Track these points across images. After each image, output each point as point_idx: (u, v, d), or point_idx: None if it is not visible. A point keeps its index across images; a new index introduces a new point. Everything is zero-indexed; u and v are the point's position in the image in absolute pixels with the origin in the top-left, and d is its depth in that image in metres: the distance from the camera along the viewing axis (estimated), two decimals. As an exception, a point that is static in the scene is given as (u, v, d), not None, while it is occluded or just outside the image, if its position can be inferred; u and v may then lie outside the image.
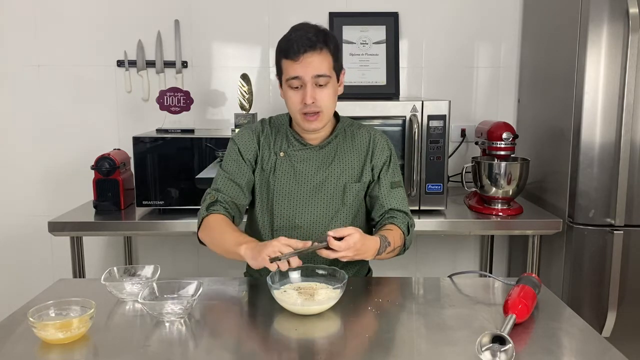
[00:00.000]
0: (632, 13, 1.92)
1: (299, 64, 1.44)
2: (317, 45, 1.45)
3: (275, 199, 1.57)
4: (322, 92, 1.47)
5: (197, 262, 2.69)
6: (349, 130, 1.63)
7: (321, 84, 1.47)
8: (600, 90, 2.01)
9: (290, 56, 1.45)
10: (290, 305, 1.26)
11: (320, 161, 1.58)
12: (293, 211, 1.57)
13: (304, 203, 1.57)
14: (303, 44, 1.44)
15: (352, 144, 1.60)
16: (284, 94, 1.52)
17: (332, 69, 1.49)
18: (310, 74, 1.45)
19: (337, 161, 1.58)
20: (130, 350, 1.12)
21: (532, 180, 2.35)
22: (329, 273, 1.37)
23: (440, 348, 1.14)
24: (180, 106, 2.31)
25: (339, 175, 1.57)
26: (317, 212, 1.56)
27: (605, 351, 1.12)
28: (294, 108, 1.50)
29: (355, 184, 1.58)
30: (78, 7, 2.54)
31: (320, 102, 1.47)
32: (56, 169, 2.63)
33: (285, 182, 1.57)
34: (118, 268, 1.43)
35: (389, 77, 2.52)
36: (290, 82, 1.47)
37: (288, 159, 1.58)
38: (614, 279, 2.06)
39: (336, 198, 1.57)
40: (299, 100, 1.47)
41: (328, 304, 1.27)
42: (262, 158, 1.59)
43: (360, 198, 1.60)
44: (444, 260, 2.76)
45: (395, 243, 1.49)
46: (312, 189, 1.56)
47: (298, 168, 1.57)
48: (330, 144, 1.59)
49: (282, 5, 2.56)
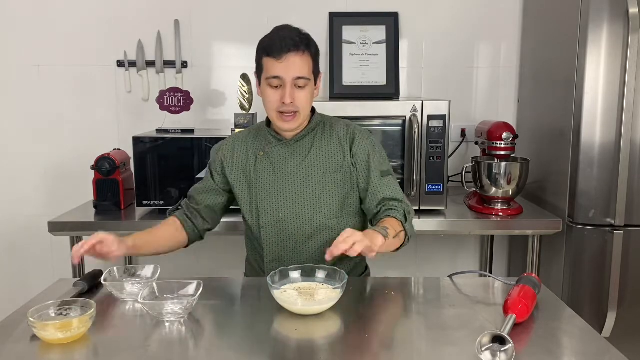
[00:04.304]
0: (632, 13, 1.92)
1: (281, 64, 1.47)
2: (300, 47, 1.48)
3: (258, 196, 1.59)
4: (301, 94, 1.50)
5: (197, 262, 2.68)
6: (327, 122, 1.64)
7: (300, 86, 1.50)
8: (600, 90, 2.01)
9: (273, 54, 1.48)
10: (291, 306, 1.26)
11: (298, 154, 1.59)
12: (277, 206, 1.58)
13: (286, 196, 1.58)
14: (287, 44, 1.47)
15: (329, 135, 1.61)
16: (262, 92, 1.55)
17: (311, 72, 1.52)
18: (291, 76, 1.48)
19: (315, 152, 1.59)
20: (130, 350, 1.12)
21: (532, 180, 2.34)
22: (329, 273, 1.38)
23: (440, 348, 1.14)
24: (180, 106, 2.31)
25: (318, 166, 1.58)
26: (300, 204, 1.57)
27: (605, 351, 1.12)
28: (271, 106, 1.53)
29: (335, 173, 1.58)
30: (78, 7, 2.54)
31: (298, 103, 1.50)
32: (56, 169, 2.63)
33: (267, 178, 1.59)
34: (118, 268, 1.43)
35: (389, 77, 2.52)
36: (270, 81, 1.50)
37: (267, 157, 1.60)
38: (614, 279, 2.06)
39: (318, 189, 1.57)
40: (278, 99, 1.50)
41: (328, 304, 1.27)
42: (239, 162, 1.63)
43: (344, 188, 1.59)
44: (444, 260, 2.76)
45: (395, 228, 1.46)
46: (292, 182, 1.58)
47: (277, 163, 1.59)
48: (307, 137, 1.60)
49: (282, 5, 2.56)
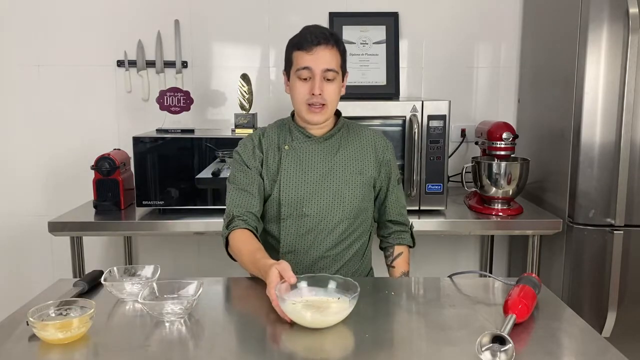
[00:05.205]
0: (632, 13, 1.92)
1: (312, 55, 1.51)
2: (330, 41, 1.53)
3: (282, 189, 1.59)
4: (329, 87, 1.54)
5: (197, 262, 2.69)
6: (351, 126, 1.68)
7: (329, 79, 1.53)
8: (600, 90, 2.01)
9: (303, 48, 1.52)
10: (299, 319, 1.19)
11: (325, 152, 1.61)
12: (300, 200, 1.58)
13: (311, 192, 1.58)
14: (317, 37, 1.52)
15: (356, 139, 1.65)
16: (291, 86, 1.57)
17: (339, 67, 1.56)
18: (320, 67, 1.51)
19: (342, 152, 1.62)
20: (130, 350, 1.12)
21: (532, 180, 2.35)
22: (339, 283, 1.31)
23: (440, 348, 1.14)
24: (180, 106, 2.31)
25: (344, 166, 1.61)
26: (323, 201, 1.58)
27: (605, 351, 1.12)
28: (300, 99, 1.54)
29: (359, 175, 1.61)
30: (78, 7, 2.54)
31: (327, 96, 1.53)
32: (56, 169, 2.63)
33: (292, 172, 1.59)
34: (118, 268, 1.42)
35: (389, 77, 2.52)
36: (300, 73, 1.52)
37: (293, 151, 1.61)
38: (614, 279, 2.06)
39: (342, 188, 1.59)
40: (307, 91, 1.53)
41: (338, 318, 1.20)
42: (267, 157, 1.62)
43: (363, 190, 1.62)
44: (444, 260, 2.76)
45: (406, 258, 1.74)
46: (318, 178, 1.59)
47: (303, 159, 1.60)
48: (334, 137, 1.63)
49: (282, 5, 2.56)
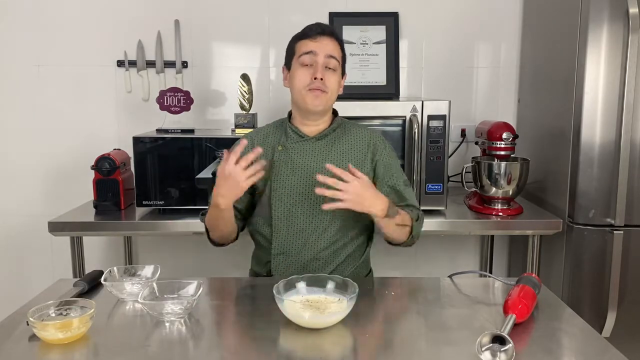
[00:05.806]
0: (632, 13, 1.92)
1: (316, 42, 1.55)
2: (333, 34, 1.58)
3: (273, 189, 1.58)
4: (331, 76, 1.55)
5: (197, 262, 2.68)
6: (348, 126, 1.66)
7: (331, 67, 1.54)
8: (600, 90, 2.01)
9: (308, 36, 1.56)
10: (297, 319, 1.20)
11: (318, 152, 1.59)
12: (291, 201, 1.57)
13: (302, 193, 1.57)
14: (321, 27, 1.57)
15: (350, 138, 1.62)
16: (292, 74, 1.57)
17: (340, 59, 1.58)
18: (324, 52, 1.54)
19: (335, 153, 1.59)
20: (130, 350, 1.12)
21: (532, 180, 2.34)
22: (338, 283, 1.31)
23: (440, 348, 1.14)
24: (180, 106, 2.31)
25: (336, 166, 1.55)
26: (315, 203, 1.56)
27: (605, 351, 1.12)
28: (301, 85, 1.54)
29: None
30: (78, 7, 2.54)
31: (328, 83, 1.54)
32: (56, 169, 2.63)
33: (283, 173, 1.58)
34: (118, 268, 1.43)
35: (389, 77, 2.52)
36: (303, 58, 1.54)
37: (286, 152, 1.60)
38: (614, 279, 2.06)
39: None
40: (308, 77, 1.53)
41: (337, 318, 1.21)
42: (262, 157, 1.59)
43: None
44: (444, 260, 2.76)
45: (405, 220, 1.52)
46: (309, 179, 1.57)
47: (296, 159, 1.58)
48: (328, 137, 1.61)
49: (282, 5, 2.56)
